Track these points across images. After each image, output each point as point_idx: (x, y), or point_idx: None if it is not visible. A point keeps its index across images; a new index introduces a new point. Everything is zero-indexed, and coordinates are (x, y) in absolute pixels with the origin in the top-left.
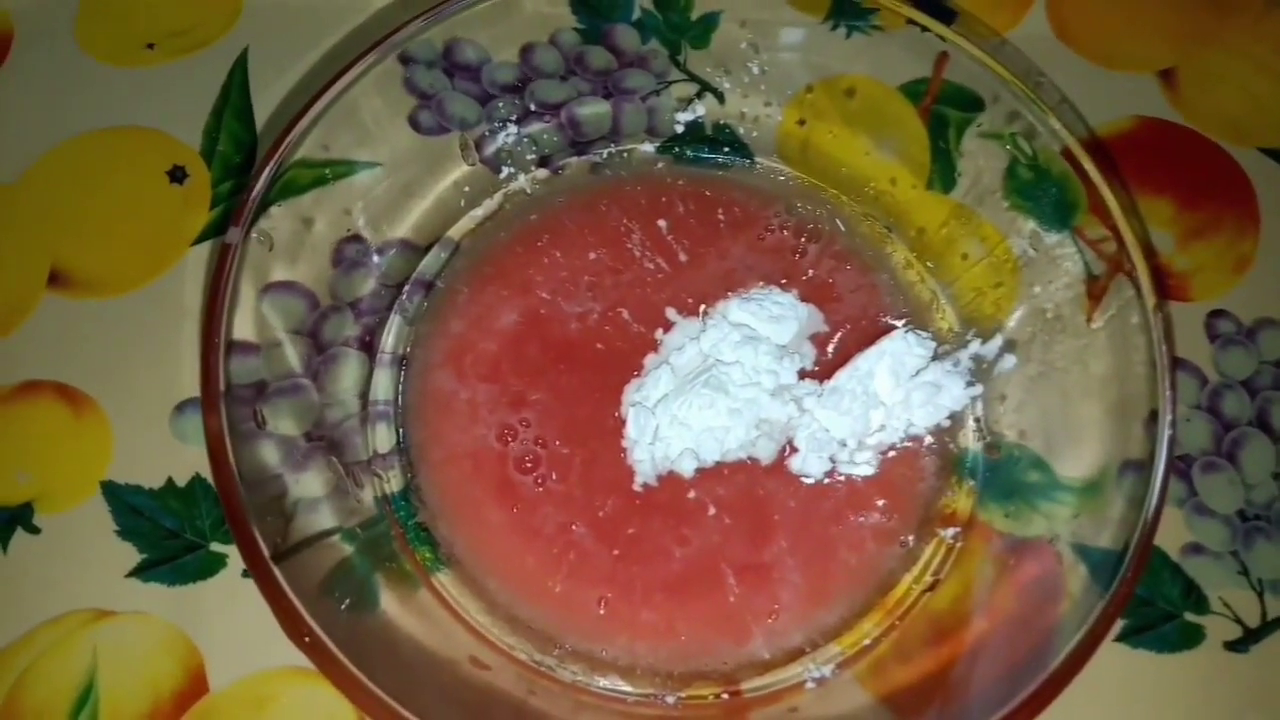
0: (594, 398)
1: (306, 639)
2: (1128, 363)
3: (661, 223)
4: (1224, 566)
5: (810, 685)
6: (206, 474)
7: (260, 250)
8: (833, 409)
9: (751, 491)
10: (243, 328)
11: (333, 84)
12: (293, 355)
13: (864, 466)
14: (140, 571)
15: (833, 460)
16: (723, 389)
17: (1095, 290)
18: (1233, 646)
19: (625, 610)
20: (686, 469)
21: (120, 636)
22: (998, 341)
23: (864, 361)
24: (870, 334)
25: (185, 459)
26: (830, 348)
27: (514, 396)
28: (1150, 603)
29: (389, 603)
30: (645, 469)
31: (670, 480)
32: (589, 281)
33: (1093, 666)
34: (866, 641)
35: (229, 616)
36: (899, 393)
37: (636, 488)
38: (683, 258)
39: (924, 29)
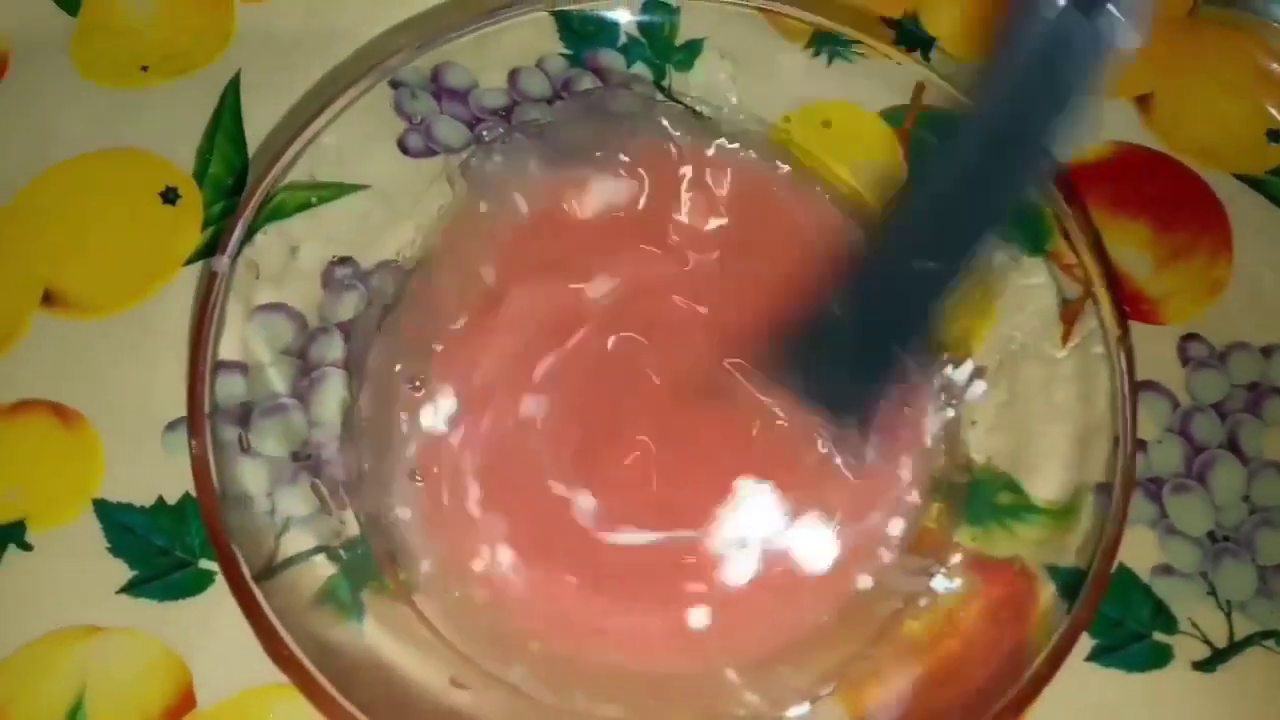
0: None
1: (285, 655)
2: (1092, 390)
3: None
4: (1193, 587)
5: None
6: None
7: (247, 276)
8: None
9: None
10: (230, 350)
11: (322, 112)
12: (279, 377)
13: None
14: (131, 588)
15: None
16: None
17: (1068, 314)
18: (1200, 666)
19: None
20: None
21: (110, 652)
22: (968, 367)
23: None
24: None
25: (175, 477)
26: None
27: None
28: (1120, 623)
29: (371, 621)
30: None
31: None
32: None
33: (1063, 685)
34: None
35: (217, 633)
36: None
37: None
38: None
39: (898, 63)
